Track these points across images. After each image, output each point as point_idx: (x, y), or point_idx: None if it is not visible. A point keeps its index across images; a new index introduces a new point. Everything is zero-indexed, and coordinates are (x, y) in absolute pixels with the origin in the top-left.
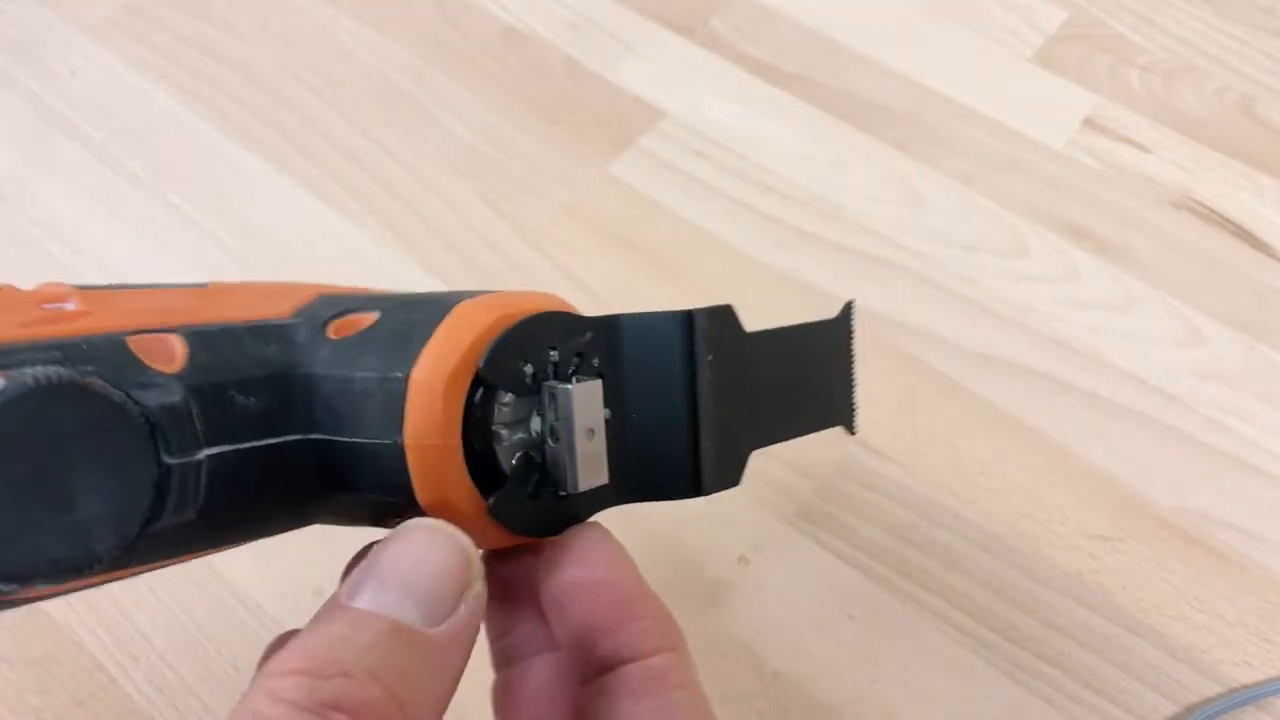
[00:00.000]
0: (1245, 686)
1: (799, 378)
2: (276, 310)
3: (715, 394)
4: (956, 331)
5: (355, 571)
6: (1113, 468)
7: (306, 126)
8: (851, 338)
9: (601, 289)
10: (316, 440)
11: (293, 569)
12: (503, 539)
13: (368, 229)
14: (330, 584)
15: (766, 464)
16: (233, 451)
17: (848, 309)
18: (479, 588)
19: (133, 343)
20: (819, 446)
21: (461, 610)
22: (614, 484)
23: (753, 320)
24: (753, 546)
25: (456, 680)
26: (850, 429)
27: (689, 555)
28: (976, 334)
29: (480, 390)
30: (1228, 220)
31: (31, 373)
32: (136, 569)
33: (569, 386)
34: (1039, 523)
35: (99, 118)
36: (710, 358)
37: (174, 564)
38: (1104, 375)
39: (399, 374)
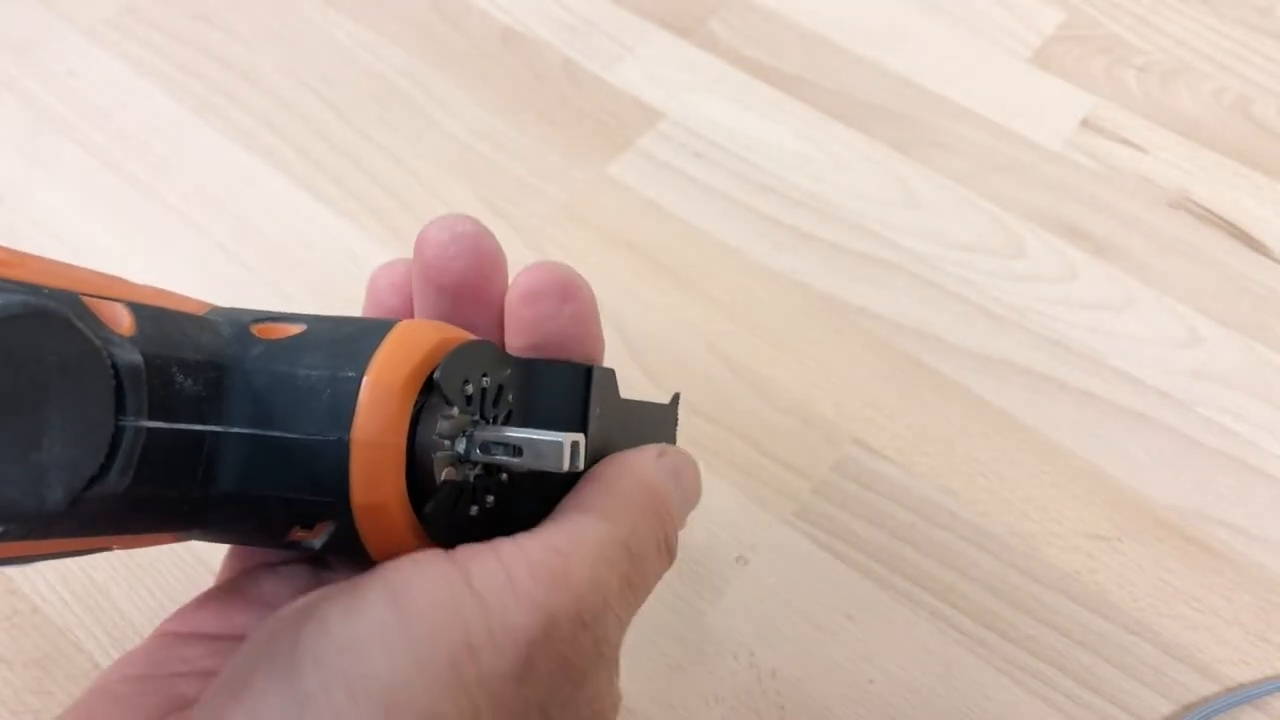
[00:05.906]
0: (1242, 686)
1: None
2: (187, 308)
3: (592, 448)
4: (954, 331)
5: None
6: (1110, 467)
7: (305, 127)
8: (675, 426)
9: (600, 290)
10: (242, 434)
11: None
12: (408, 545)
13: (366, 229)
14: None
15: (765, 464)
16: (167, 430)
17: (675, 399)
18: (675, 543)
19: (87, 301)
20: (817, 446)
21: (671, 534)
22: (499, 517)
23: (752, 318)
24: (751, 547)
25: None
26: None
27: (687, 555)
28: (974, 334)
29: (423, 402)
30: (1224, 220)
31: (25, 298)
32: (53, 544)
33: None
34: (1036, 522)
35: (98, 119)
36: (597, 411)
37: (79, 549)
38: (1101, 375)
39: (351, 373)
